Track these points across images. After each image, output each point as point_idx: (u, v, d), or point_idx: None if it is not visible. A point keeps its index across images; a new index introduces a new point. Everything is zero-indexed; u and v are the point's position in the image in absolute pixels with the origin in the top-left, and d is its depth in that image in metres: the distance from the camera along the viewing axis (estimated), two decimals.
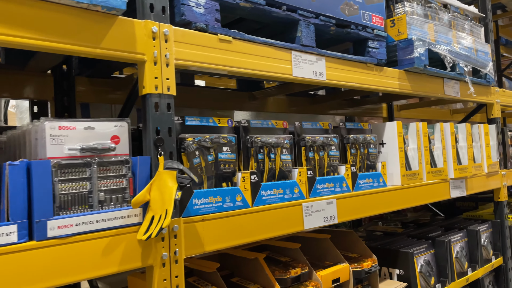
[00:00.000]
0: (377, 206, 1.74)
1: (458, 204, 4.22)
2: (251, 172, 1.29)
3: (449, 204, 4.22)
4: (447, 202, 4.19)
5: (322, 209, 1.51)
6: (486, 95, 2.61)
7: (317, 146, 1.59)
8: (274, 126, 1.46)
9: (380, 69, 1.83)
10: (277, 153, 1.42)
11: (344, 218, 1.60)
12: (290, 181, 1.42)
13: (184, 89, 2.16)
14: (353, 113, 3.23)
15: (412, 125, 2.03)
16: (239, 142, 1.36)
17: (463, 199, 4.09)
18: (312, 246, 1.79)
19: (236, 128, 1.37)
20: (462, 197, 4.10)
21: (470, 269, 2.36)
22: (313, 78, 1.53)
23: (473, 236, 2.41)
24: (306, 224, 1.44)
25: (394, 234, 2.38)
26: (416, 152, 2.01)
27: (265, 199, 1.33)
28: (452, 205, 4.23)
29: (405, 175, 1.89)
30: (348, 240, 1.87)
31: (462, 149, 2.33)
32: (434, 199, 2.07)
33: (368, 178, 1.74)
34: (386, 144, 1.93)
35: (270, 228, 1.32)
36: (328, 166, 1.63)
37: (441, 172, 2.13)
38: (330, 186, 1.57)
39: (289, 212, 1.39)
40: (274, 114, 2.92)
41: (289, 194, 1.41)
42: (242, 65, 1.30)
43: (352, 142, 1.75)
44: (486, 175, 2.50)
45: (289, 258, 1.59)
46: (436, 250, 2.16)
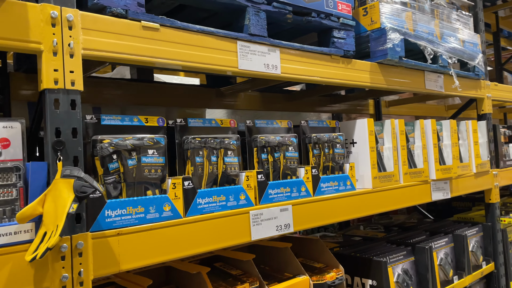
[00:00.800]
0: (343, 211, 1.58)
1: (455, 204, 4.05)
2: (184, 177, 1.14)
3: (445, 203, 4.05)
4: (444, 202, 4.03)
5: (275, 217, 1.36)
6: (475, 89, 2.43)
7: (271, 146, 1.43)
8: (219, 125, 1.31)
9: (348, 62, 1.67)
10: (220, 155, 1.26)
11: (302, 226, 1.44)
12: (234, 186, 1.27)
13: (141, 86, 2.02)
14: (340, 110, 3.07)
15: (387, 122, 1.86)
16: (176, 144, 1.21)
17: (460, 199, 3.92)
18: (273, 255, 1.64)
19: (171, 128, 1.22)
20: (459, 197, 3.92)
21: (457, 277, 2.20)
22: (264, 71, 1.37)
23: (459, 241, 2.24)
24: (254, 235, 1.29)
25: (373, 239, 2.22)
26: (391, 151, 1.85)
27: (202, 207, 1.18)
28: (448, 206, 4.06)
29: (377, 177, 1.73)
30: (315, 248, 1.72)
31: (447, 147, 2.16)
32: (412, 203, 1.90)
33: (332, 181, 1.58)
34: (357, 143, 1.76)
35: (208, 241, 1.17)
36: (286, 169, 1.47)
37: (421, 173, 1.96)
38: (285, 191, 1.41)
39: (233, 221, 1.24)
40: (252, 112, 2.77)
41: (233, 201, 1.26)
42: (173, 57, 1.15)
43: (314, 141, 1.59)
44: (475, 175, 2.33)
45: (240, 271, 1.44)
46: (416, 257, 1.99)
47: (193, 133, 1.24)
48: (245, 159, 1.42)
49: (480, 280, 2.43)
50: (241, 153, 1.43)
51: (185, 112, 2.37)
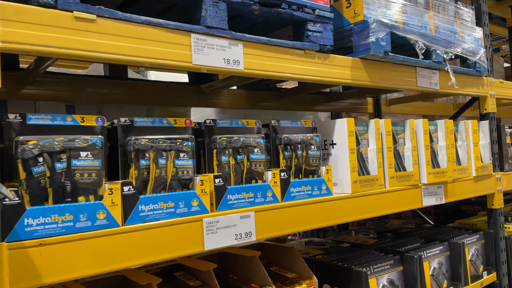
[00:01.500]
0: (316, 218, 1.46)
1: (463, 208, 3.87)
2: (123, 182, 1.05)
3: (454, 207, 3.87)
4: (453, 205, 3.86)
5: (234, 225, 1.25)
6: (477, 87, 2.27)
7: (233, 148, 1.33)
8: (172, 125, 1.21)
9: (325, 57, 1.55)
10: (170, 158, 1.17)
11: (267, 235, 1.33)
12: (185, 192, 1.17)
13: (120, 84, 1.94)
14: (339, 109, 2.93)
15: (372, 122, 1.73)
16: (117, 146, 1.12)
17: (469, 203, 3.74)
18: (242, 264, 1.54)
19: (113, 128, 1.13)
20: (468, 200, 3.75)
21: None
22: (224, 67, 1.27)
23: (455, 250, 2.09)
24: (208, 244, 1.19)
25: (361, 246, 2.09)
26: (375, 153, 1.72)
27: (145, 215, 1.09)
28: (457, 209, 3.88)
29: (357, 181, 1.61)
30: (289, 257, 1.61)
31: (442, 149, 2.01)
32: (399, 209, 1.77)
33: (304, 186, 1.47)
34: (337, 144, 1.64)
35: (151, 251, 1.07)
36: (250, 173, 1.36)
37: (410, 177, 1.82)
38: (248, 196, 1.31)
39: (182, 230, 1.14)
40: (242, 111, 2.66)
41: (183, 208, 1.16)
42: (113, 50, 1.06)
43: (285, 142, 1.48)
44: (475, 179, 2.17)
45: (199, 282, 1.34)
46: (405, 267, 1.86)
47: (141, 134, 1.14)
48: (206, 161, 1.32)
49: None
50: (203, 155, 1.33)
51: (168, 111, 2.28)
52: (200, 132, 1.34)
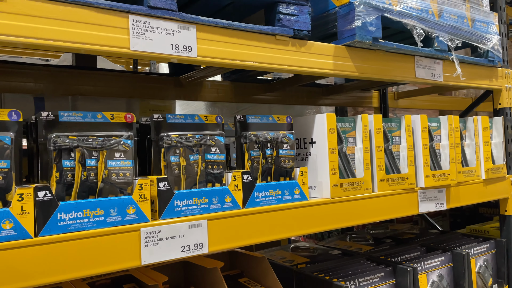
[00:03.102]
0: (286, 227, 1.29)
1: (482, 210, 3.62)
2: (36, 187, 0.91)
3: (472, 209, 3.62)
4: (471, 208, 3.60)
5: (180, 235, 1.10)
6: (490, 79, 2.03)
7: (185, 147, 1.17)
8: (108, 120, 1.06)
9: (301, 44, 1.36)
10: (101, 158, 1.02)
11: (223, 246, 1.17)
12: (118, 197, 1.02)
13: (94, 74, 1.81)
14: (344, 103, 2.73)
15: (359, 118, 1.53)
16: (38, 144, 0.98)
17: (488, 205, 3.48)
18: (204, 276, 1.38)
19: (31, 124, 0.99)
20: (488, 203, 3.48)
21: None
22: (172, 54, 1.10)
23: (459, 261, 1.87)
24: (146, 258, 1.04)
25: (353, 254, 1.90)
26: (362, 153, 1.52)
27: (66, 224, 0.94)
28: (475, 212, 3.63)
29: (337, 185, 1.42)
30: (259, 268, 1.44)
31: (444, 149, 1.79)
32: (390, 215, 1.57)
33: (273, 190, 1.29)
34: (316, 143, 1.46)
35: (69, 267, 0.93)
36: (206, 175, 1.20)
37: (404, 180, 1.62)
38: (200, 202, 1.15)
39: (112, 241, 0.99)
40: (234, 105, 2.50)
41: (116, 216, 1.01)
42: (27, 33, 0.91)
43: (252, 141, 1.30)
44: (484, 182, 1.94)
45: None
46: (398, 280, 1.66)
47: (67, 130, 1.00)
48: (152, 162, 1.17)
49: None
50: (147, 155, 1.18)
51: (149, 104, 2.14)
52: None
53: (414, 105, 3.06)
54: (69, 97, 1.90)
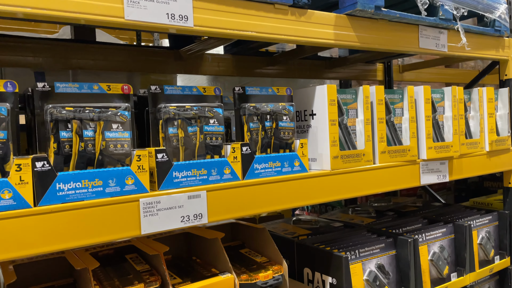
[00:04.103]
0: (286, 198, 1.30)
1: (487, 184, 3.61)
2: (35, 157, 0.91)
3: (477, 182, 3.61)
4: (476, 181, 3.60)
5: (180, 206, 1.11)
6: (496, 49, 1.98)
7: (183, 118, 1.16)
8: (105, 91, 1.06)
9: (301, 13, 1.33)
10: (98, 129, 1.02)
11: (223, 216, 1.18)
12: (117, 168, 1.02)
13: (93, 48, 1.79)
14: (349, 76, 2.70)
15: (360, 89, 1.51)
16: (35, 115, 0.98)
17: (494, 178, 3.47)
18: (206, 247, 1.40)
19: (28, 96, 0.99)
20: (492, 176, 3.47)
21: (455, 274, 1.85)
22: (168, 23, 1.09)
23: (461, 233, 1.87)
24: (146, 227, 1.05)
25: (354, 226, 1.91)
26: (363, 125, 1.51)
27: (65, 194, 0.95)
28: (480, 185, 3.62)
29: (338, 157, 1.41)
30: (260, 239, 1.46)
31: (448, 120, 1.77)
32: (390, 187, 1.57)
33: (272, 162, 1.29)
34: (317, 115, 1.44)
35: (70, 236, 0.94)
36: (204, 147, 1.20)
37: (406, 152, 1.61)
38: (199, 173, 1.15)
39: (112, 212, 1.00)
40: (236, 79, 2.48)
41: (115, 187, 1.02)
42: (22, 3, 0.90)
43: (251, 113, 1.30)
44: (488, 154, 1.92)
45: (148, 267, 1.22)
46: (398, 251, 1.67)
47: (63, 102, 1.00)
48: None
49: (491, 277, 2.06)
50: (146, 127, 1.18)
51: (150, 78, 2.13)
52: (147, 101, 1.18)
53: (420, 78, 3.01)
54: (70, 71, 1.89)
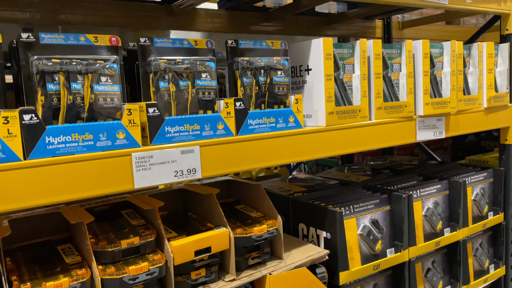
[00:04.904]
0: (280, 154, 1.29)
1: (484, 143, 3.61)
2: (22, 110, 0.90)
3: (475, 142, 3.62)
4: (474, 140, 3.60)
5: (173, 161, 1.10)
6: (497, 2, 1.92)
7: (174, 72, 1.13)
8: (91, 43, 1.03)
9: None
10: (87, 82, 0.99)
11: (216, 171, 1.18)
12: (107, 122, 1.01)
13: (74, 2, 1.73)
14: (347, 33, 2.63)
15: (357, 43, 1.48)
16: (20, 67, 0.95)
17: (491, 138, 3.47)
18: (201, 203, 1.41)
19: (14, 48, 0.96)
20: (490, 136, 3.48)
21: (448, 229, 1.88)
22: None
23: (455, 189, 1.89)
24: (139, 182, 1.05)
25: (350, 183, 1.92)
26: (360, 80, 1.48)
27: (55, 148, 0.94)
28: (477, 145, 3.63)
29: (333, 113, 1.40)
30: (255, 195, 1.47)
31: (446, 76, 1.74)
32: (386, 144, 1.56)
33: (267, 117, 1.28)
34: (312, 70, 1.42)
35: (62, 189, 0.94)
36: (197, 102, 1.18)
37: (402, 108, 1.59)
38: (192, 128, 1.14)
39: (103, 166, 1.00)
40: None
41: (105, 141, 1.01)
42: None
43: (245, 67, 1.27)
44: (485, 110, 1.90)
45: (143, 221, 1.23)
46: (393, 207, 1.69)
47: (50, 53, 0.97)
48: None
49: (484, 232, 2.10)
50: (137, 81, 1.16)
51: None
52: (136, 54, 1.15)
53: (420, 35, 2.94)
54: (59, 27, 1.84)
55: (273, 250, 1.40)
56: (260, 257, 1.33)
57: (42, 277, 0.99)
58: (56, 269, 1.03)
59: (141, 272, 1.06)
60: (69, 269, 1.03)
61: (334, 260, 1.47)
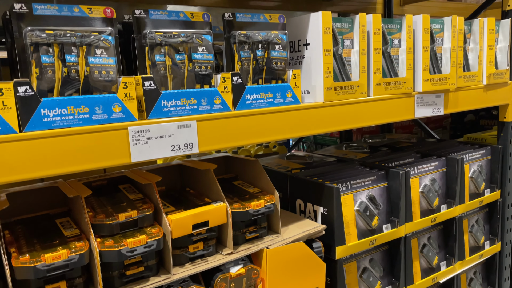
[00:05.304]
0: (277, 129, 1.29)
1: (483, 122, 3.61)
2: (17, 82, 0.89)
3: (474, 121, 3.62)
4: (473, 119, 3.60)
5: (170, 135, 1.10)
6: None
7: (170, 45, 1.12)
8: (85, 14, 1.01)
9: None
10: (81, 54, 0.98)
11: (213, 146, 1.18)
12: (104, 95, 1.00)
13: None
14: (346, 10, 2.60)
15: (357, 18, 1.46)
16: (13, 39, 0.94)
17: (490, 116, 3.46)
18: (198, 178, 1.42)
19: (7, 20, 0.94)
20: (489, 114, 3.47)
21: (445, 206, 1.90)
22: None
23: (452, 166, 1.89)
24: (136, 155, 1.05)
25: (347, 160, 1.92)
26: (359, 56, 1.47)
27: (50, 121, 0.94)
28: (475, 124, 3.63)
29: (331, 88, 1.39)
30: (253, 171, 1.47)
31: (446, 52, 1.72)
32: (384, 120, 1.56)
33: (264, 92, 1.27)
34: (311, 45, 1.40)
35: (58, 162, 0.94)
36: (193, 76, 1.17)
37: (401, 84, 1.58)
38: (189, 103, 1.13)
39: (100, 139, 0.99)
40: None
41: (101, 114, 1.00)
42: None
43: (242, 41, 1.25)
44: (485, 87, 1.89)
45: (141, 196, 1.24)
46: (390, 183, 1.70)
47: (42, 24, 0.95)
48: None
49: (480, 209, 2.12)
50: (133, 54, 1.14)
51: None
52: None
53: (421, 12, 2.89)
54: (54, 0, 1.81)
55: (270, 225, 1.42)
56: (257, 231, 1.35)
57: (41, 249, 0.99)
58: (55, 241, 1.04)
59: (139, 244, 1.07)
60: (67, 241, 1.03)
61: (331, 235, 1.49)
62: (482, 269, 2.18)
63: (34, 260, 0.95)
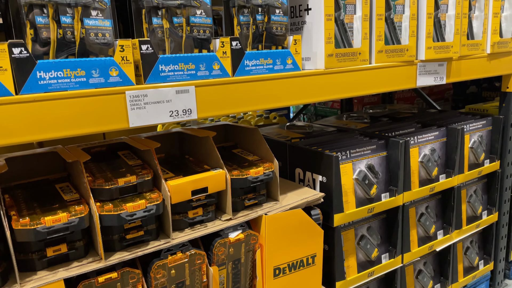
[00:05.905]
0: (277, 96, 1.27)
1: (485, 94, 3.58)
2: (11, 43, 0.87)
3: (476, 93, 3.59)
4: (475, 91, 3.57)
5: (168, 100, 1.09)
6: None
7: (167, 8, 1.09)
8: None
9: None
10: (76, 16, 0.96)
11: (212, 113, 1.17)
12: (100, 58, 0.99)
13: None
14: None
15: None
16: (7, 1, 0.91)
17: (493, 88, 3.43)
18: (197, 145, 1.41)
19: None
20: (492, 86, 3.44)
21: (444, 176, 1.90)
22: None
23: (453, 136, 1.89)
24: (134, 120, 1.04)
25: (347, 130, 1.92)
26: (361, 22, 1.44)
27: (47, 83, 0.93)
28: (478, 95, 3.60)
29: (333, 55, 1.37)
30: (252, 139, 1.46)
31: (451, 20, 1.69)
32: (385, 88, 1.54)
33: (264, 58, 1.25)
34: (312, 10, 1.37)
35: (56, 126, 0.94)
36: (191, 40, 1.15)
37: (404, 52, 1.55)
38: (187, 68, 1.11)
39: (97, 103, 0.98)
40: None
41: (98, 78, 0.99)
42: None
43: (241, 5, 1.22)
44: (489, 56, 1.86)
45: (140, 162, 1.24)
46: (389, 152, 1.70)
47: None
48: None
49: (479, 179, 2.13)
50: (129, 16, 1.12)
51: None
52: None
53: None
54: None
55: (269, 193, 1.42)
56: (256, 198, 1.36)
57: (41, 213, 1.00)
58: (55, 205, 1.04)
59: (139, 209, 1.07)
60: (67, 205, 1.04)
61: (329, 203, 1.50)
62: (479, 239, 2.20)
63: (34, 222, 0.95)
